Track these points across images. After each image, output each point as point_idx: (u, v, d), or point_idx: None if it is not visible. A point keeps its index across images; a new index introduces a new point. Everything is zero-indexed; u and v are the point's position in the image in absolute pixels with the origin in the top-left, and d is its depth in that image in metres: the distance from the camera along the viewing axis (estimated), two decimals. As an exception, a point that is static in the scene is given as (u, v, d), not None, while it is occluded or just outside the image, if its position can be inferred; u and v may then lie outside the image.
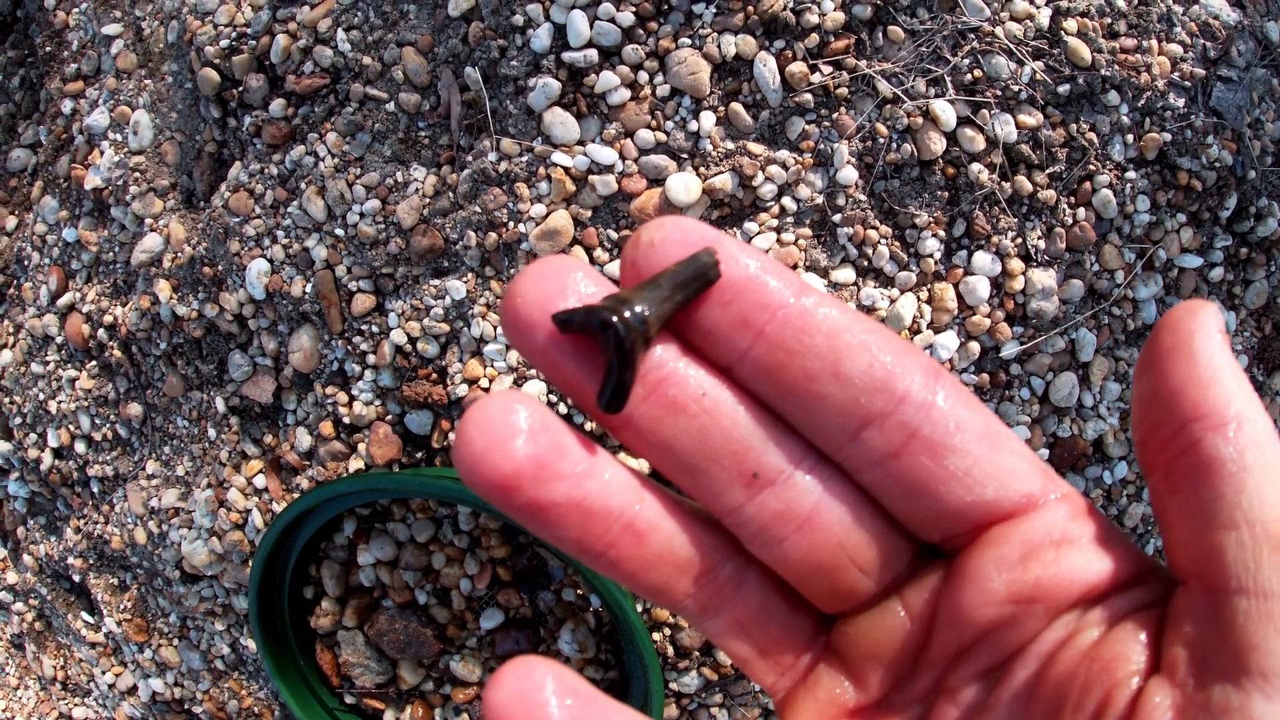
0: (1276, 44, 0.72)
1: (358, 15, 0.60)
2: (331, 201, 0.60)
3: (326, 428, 0.64)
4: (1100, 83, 0.63)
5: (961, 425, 0.15)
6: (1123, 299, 0.67)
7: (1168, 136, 0.65)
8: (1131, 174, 0.65)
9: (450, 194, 0.59)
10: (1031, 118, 0.61)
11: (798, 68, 0.57)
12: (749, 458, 0.16)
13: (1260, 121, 0.72)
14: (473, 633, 0.63)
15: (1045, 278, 0.63)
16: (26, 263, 0.75)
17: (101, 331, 0.71)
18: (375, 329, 0.61)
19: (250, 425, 0.68)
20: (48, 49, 0.73)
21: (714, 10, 0.57)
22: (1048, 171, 0.62)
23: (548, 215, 0.57)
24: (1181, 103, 0.66)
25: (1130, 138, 0.64)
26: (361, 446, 0.63)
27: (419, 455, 0.63)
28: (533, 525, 0.15)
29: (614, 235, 0.58)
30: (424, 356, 0.61)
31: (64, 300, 0.72)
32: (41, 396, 0.75)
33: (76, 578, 0.81)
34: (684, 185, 0.56)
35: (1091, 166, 0.64)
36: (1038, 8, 0.62)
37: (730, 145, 0.57)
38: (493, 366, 0.60)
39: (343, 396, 0.63)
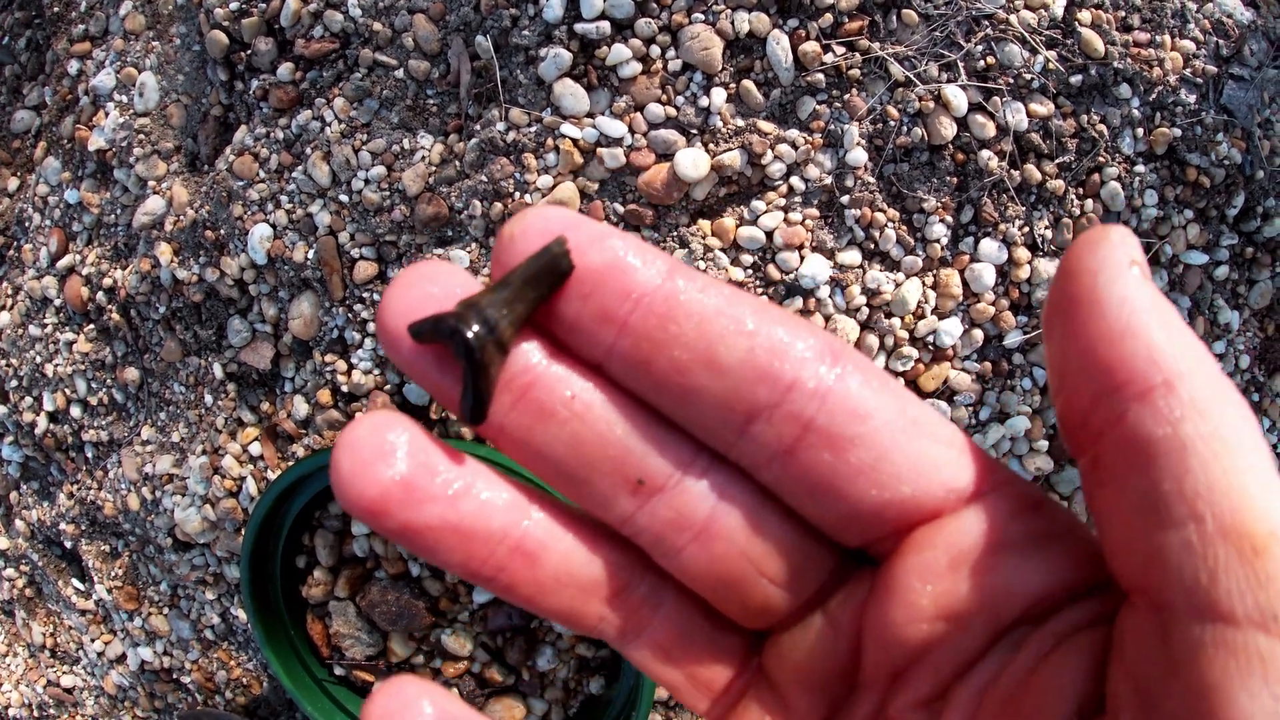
0: (1288, 46, 0.72)
1: (369, -19, 0.60)
2: (337, 167, 0.60)
3: (324, 396, 0.63)
4: (1112, 75, 0.62)
5: (866, 412, 0.13)
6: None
7: (1178, 132, 0.65)
8: (1140, 168, 0.65)
9: (457, 163, 0.58)
10: (1043, 107, 0.61)
11: (811, 47, 0.57)
12: (629, 462, 0.14)
13: (1270, 121, 0.71)
14: (465, 606, 0.62)
15: (1051, 268, 0.63)
16: (27, 224, 0.74)
17: (100, 294, 0.71)
18: (377, 297, 0.61)
19: (247, 392, 0.67)
20: (55, 9, 0.72)
21: (728, -14, 0.56)
22: (1057, 161, 0.62)
23: (554, 187, 0.57)
24: (1193, 99, 0.65)
25: (1140, 131, 0.64)
26: (359, 415, 0.63)
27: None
28: (413, 549, 0.14)
29: (620, 209, 0.57)
30: (425, 326, 0.60)
31: (64, 262, 0.72)
32: (38, 359, 0.75)
33: (68, 544, 0.80)
34: (693, 161, 0.56)
35: (1101, 158, 0.63)
36: (1052, -3, 0.61)
37: (740, 123, 0.57)
38: (494, 338, 0.59)
39: (342, 365, 0.63)
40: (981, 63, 0.60)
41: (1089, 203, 0.64)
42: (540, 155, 0.57)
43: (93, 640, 0.83)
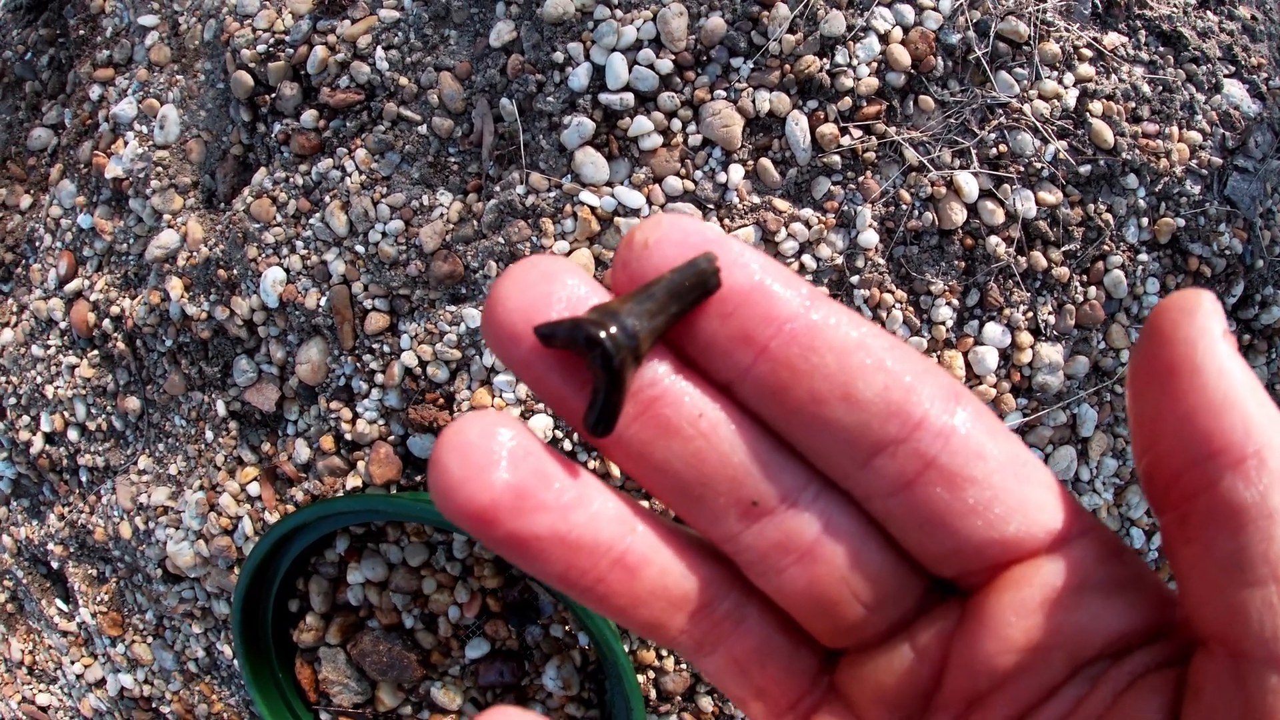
0: (1291, 138, 0.74)
1: (398, 35, 0.61)
2: (355, 218, 0.61)
3: (327, 442, 0.64)
4: (1120, 166, 0.64)
5: (983, 453, 0.14)
6: (1125, 378, 0.68)
7: (1181, 222, 0.66)
8: (1144, 256, 0.66)
9: (475, 222, 0.59)
10: (1051, 195, 0.63)
11: (828, 129, 0.58)
12: (747, 484, 0.15)
13: (1272, 212, 0.73)
14: (457, 660, 0.63)
15: (1053, 353, 0.64)
16: (38, 244, 0.75)
17: (107, 322, 0.71)
18: (386, 349, 0.61)
19: (249, 431, 0.68)
20: (81, 32, 0.73)
21: (751, 66, 0.58)
22: (1063, 249, 0.63)
23: (570, 253, 0.58)
24: (1197, 190, 0.67)
25: (1145, 221, 0.66)
26: (361, 464, 0.63)
27: (418, 478, 0.63)
28: (513, 558, 0.14)
29: (634, 277, 0.58)
30: (433, 380, 0.61)
31: (72, 286, 0.72)
32: (39, 380, 0.75)
33: (55, 564, 0.80)
34: (708, 235, 0.57)
35: (1106, 247, 0.65)
36: (1065, 88, 0.63)
37: (756, 199, 0.58)
38: (501, 397, 0.60)
39: (347, 413, 0.63)
40: (994, 150, 0.62)
41: (1092, 289, 0.65)
42: (558, 221, 0.58)
43: (72, 662, 0.82)
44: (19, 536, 0.82)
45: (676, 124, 0.58)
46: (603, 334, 0.13)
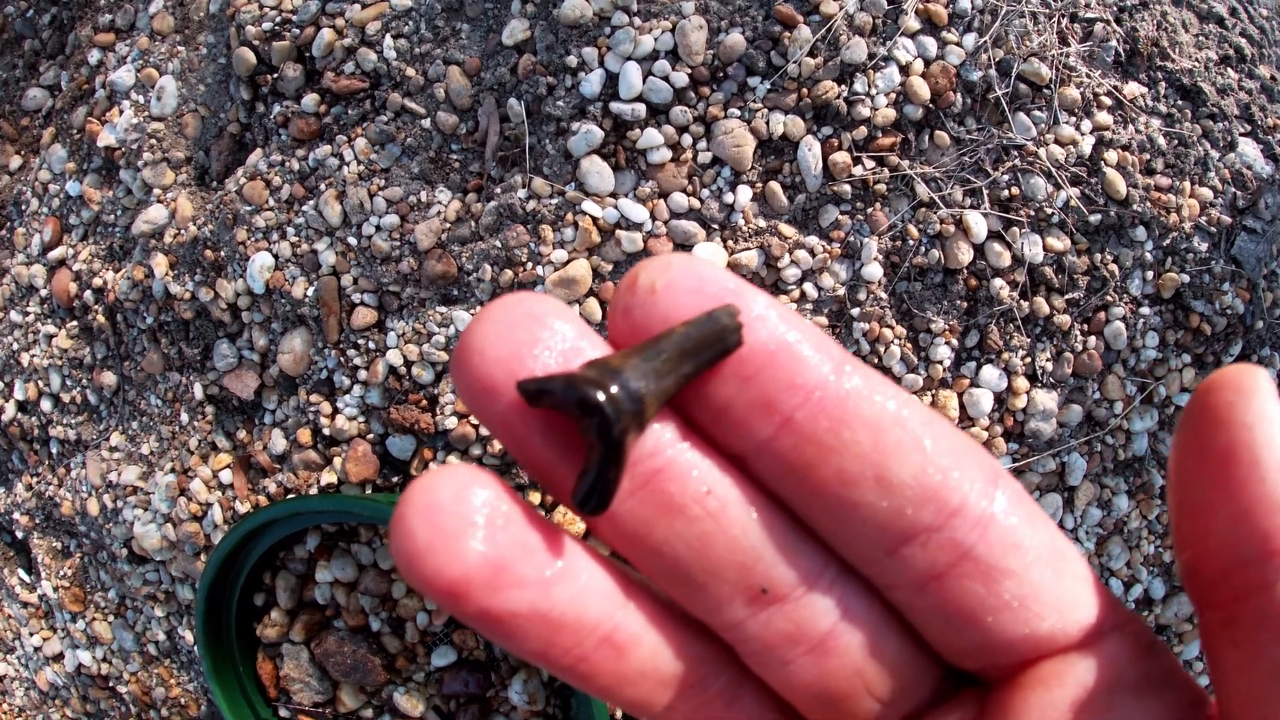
0: (1298, 200, 0.72)
1: (409, 24, 0.58)
2: (349, 209, 0.58)
3: (304, 435, 0.61)
4: (1130, 217, 0.63)
5: (1021, 544, 0.12)
6: (1117, 429, 0.66)
7: (1186, 278, 0.65)
8: (1146, 310, 0.65)
9: (472, 223, 0.57)
10: (1060, 242, 0.61)
11: (841, 157, 0.56)
12: (758, 570, 0.13)
13: (1276, 274, 0.72)
14: (422, 667, 0.60)
15: (1048, 400, 0.63)
16: (24, 207, 0.72)
17: (89, 293, 0.68)
18: (372, 345, 0.59)
19: (225, 417, 0.65)
20: (82, -6, 0.70)
21: (768, 86, 0.56)
22: (1066, 297, 0.62)
23: (568, 262, 0.56)
24: (1204, 247, 0.66)
25: (1150, 274, 0.64)
26: (337, 461, 0.61)
27: (395, 479, 0.60)
28: (486, 634, 0.12)
29: (631, 293, 0.56)
30: (417, 381, 0.58)
31: (55, 254, 0.69)
32: (15, 346, 0.72)
33: (20, 534, 0.77)
34: (709, 257, 0.55)
35: (1109, 298, 0.63)
36: (1083, 135, 0.61)
37: (762, 223, 0.56)
38: (486, 403, 0.58)
39: (326, 407, 0.61)
40: (1006, 192, 0.60)
41: (1092, 339, 0.64)
42: (558, 228, 0.56)
43: (31, 634, 0.80)
44: (-16, 503, 0.79)
45: (687, 139, 0.55)
46: (602, 396, 0.11)
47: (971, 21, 0.60)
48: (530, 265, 0.56)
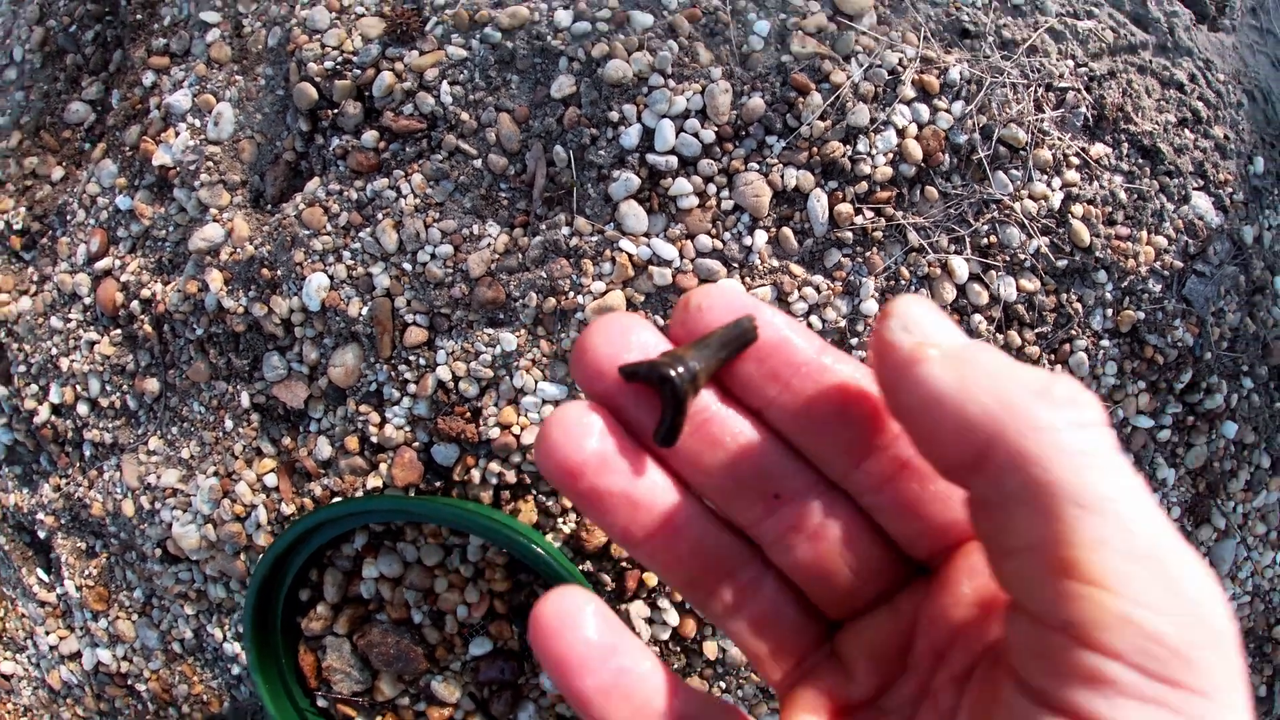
0: (1249, 245, 0.91)
1: (464, 72, 0.72)
2: (406, 237, 0.72)
3: (352, 442, 0.74)
4: (1093, 262, 0.80)
5: None
6: (1081, 450, 0.84)
7: (1141, 315, 0.83)
8: (1106, 342, 0.82)
9: (520, 255, 0.71)
10: (1031, 283, 0.78)
11: (845, 208, 0.72)
12: (771, 482, 0.20)
13: (1223, 311, 0.91)
14: (459, 657, 0.74)
15: (1019, 422, 0.80)
16: (69, 218, 0.83)
17: (135, 303, 0.80)
18: (422, 361, 0.73)
19: (270, 425, 0.78)
20: (137, 16, 0.82)
21: (783, 144, 0.71)
22: (1036, 331, 0.79)
23: (606, 293, 0.70)
24: (1158, 288, 0.84)
25: (1110, 312, 0.82)
26: (383, 466, 0.74)
27: (438, 484, 0.74)
28: (589, 510, 0.19)
29: (661, 321, 0.71)
30: (463, 395, 0.72)
31: (102, 264, 0.81)
32: (54, 351, 0.83)
33: (42, 534, 0.88)
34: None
35: (1074, 332, 0.81)
36: (1053, 191, 0.79)
37: (775, 263, 0.72)
38: (526, 416, 0.72)
39: (375, 416, 0.74)
40: (985, 240, 0.77)
41: (1059, 368, 0.81)
42: (598, 263, 0.70)
43: (47, 633, 0.90)
44: (7, 503, 0.89)
45: (712, 188, 0.71)
46: (673, 372, 0.19)
47: (960, 91, 0.77)
48: (572, 294, 0.70)
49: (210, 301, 0.76)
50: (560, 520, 0.73)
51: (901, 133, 0.74)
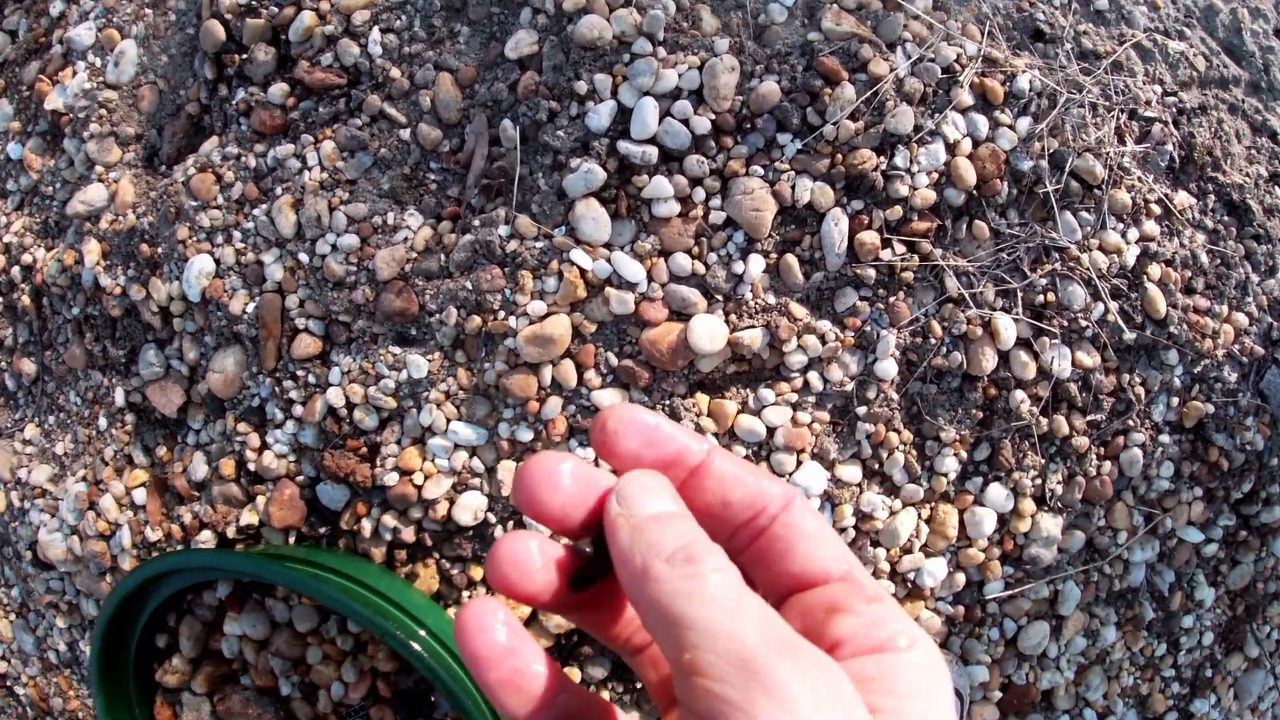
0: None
1: (401, 18, 0.44)
2: (305, 220, 0.44)
3: (228, 466, 0.47)
4: (1165, 339, 0.51)
5: (796, 527, 0.17)
6: (1116, 559, 0.54)
7: (1211, 409, 0.53)
8: (1165, 438, 0.53)
9: (442, 256, 0.43)
10: (1089, 358, 0.49)
11: (869, 237, 0.44)
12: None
13: (1287, 408, 0.60)
14: (324, 747, 0.47)
15: (1052, 525, 0.51)
16: (-42, 165, 0.57)
17: (17, 270, 0.54)
18: (312, 379, 0.45)
19: (145, 430, 0.51)
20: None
21: (799, 146, 0.43)
22: (1089, 418, 0.50)
23: (546, 317, 0.42)
24: (1234, 378, 0.54)
25: (1175, 401, 0.52)
26: (261, 500, 0.47)
27: (323, 530, 0.47)
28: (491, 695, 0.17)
29: (614, 359, 0.43)
30: (359, 426, 0.45)
31: (-15, 221, 0.54)
32: (-68, 316, 0.57)
33: (-74, 516, 0.62)
34: (708, 332, 0.42)
35: (1130, 422, 0.51)
36: (1128, 244, 0.49)
37: (771, 299, 0.43)
38: (433, 463, 0.44)
39: (255, 439, 0.47)
40: (1041, 298, 0.48)
41: (1107, 464, 0.52)
42: (540, 276, 0.42)
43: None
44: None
45: (700, 194, 0.42)
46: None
47: (1028, 104, 0.47)
48: (502, 314, 0.42)
49: (87, 277, 0.49)
50: (466, 594, 0.45)
51: (952, 148, 0.45)
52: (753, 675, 0.13)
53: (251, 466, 0.46)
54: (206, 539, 0.48)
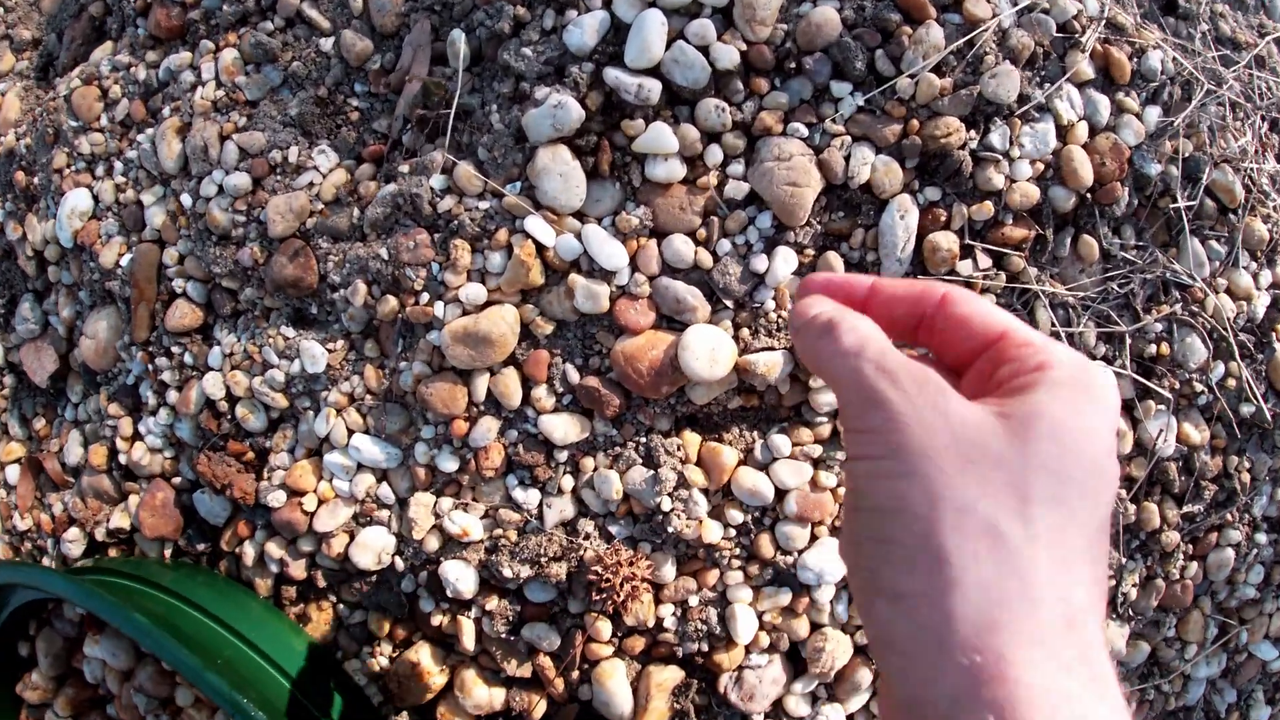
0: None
1: (342, -101, 0.26)
2: (191, 151, 0.26)
3: (99, 455, 0.30)
4: (1283, 414, 0.31)
5: (951, 314, 0.15)
6: (1178, 675, 0.35)
7: (1309, 501, 0.34)
8: (1261, 537, 0.33)
9: (355, 211, 0.25)
10: (1198, 433, 0.30)
11: (945, 240, 0.25)
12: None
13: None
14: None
15: (1117, 636, 0.32)
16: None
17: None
18: (189, 359, 0.27)
19: (24, 396, 0.34)
20: None
21: (860, 102, 0.24)
22: (1184, 510, 0.30)
23: (485, 307, 0.24)
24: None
25: (1282, 494, 0.33)
26: (134, 499, 0.29)
27: (201, 548, 0.29)
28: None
29: (574, 375, 0.24)
30: (243, 426, 0.27)
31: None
32: None
33: None
34: (709, 351, 0.23)
35: (1229, 516, 0.32)
36: (1259, 290, 0.30)
37: (800, 313, 0.25)
38: (331, 484, 0.26)
39: (126, 426, 0.29)
40: (1153, 347, 0.29)
41: (1193, 565, 0.32)
42: (481, 249, 0.24)
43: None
44: None
45: (715, 154, 0.24)
46: None
47: (1159, 90, 0.28)
48: (426, 297, 0.24)
49: (-28, 208, 0.32)
50: (369, 650, 0.27)
51: (1064, 132, 0.25)
52: (866, 397, 0.13)
53: (123, 459, 0.29)
54: (74, 538, 0.30)
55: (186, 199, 0.26)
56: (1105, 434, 0.12)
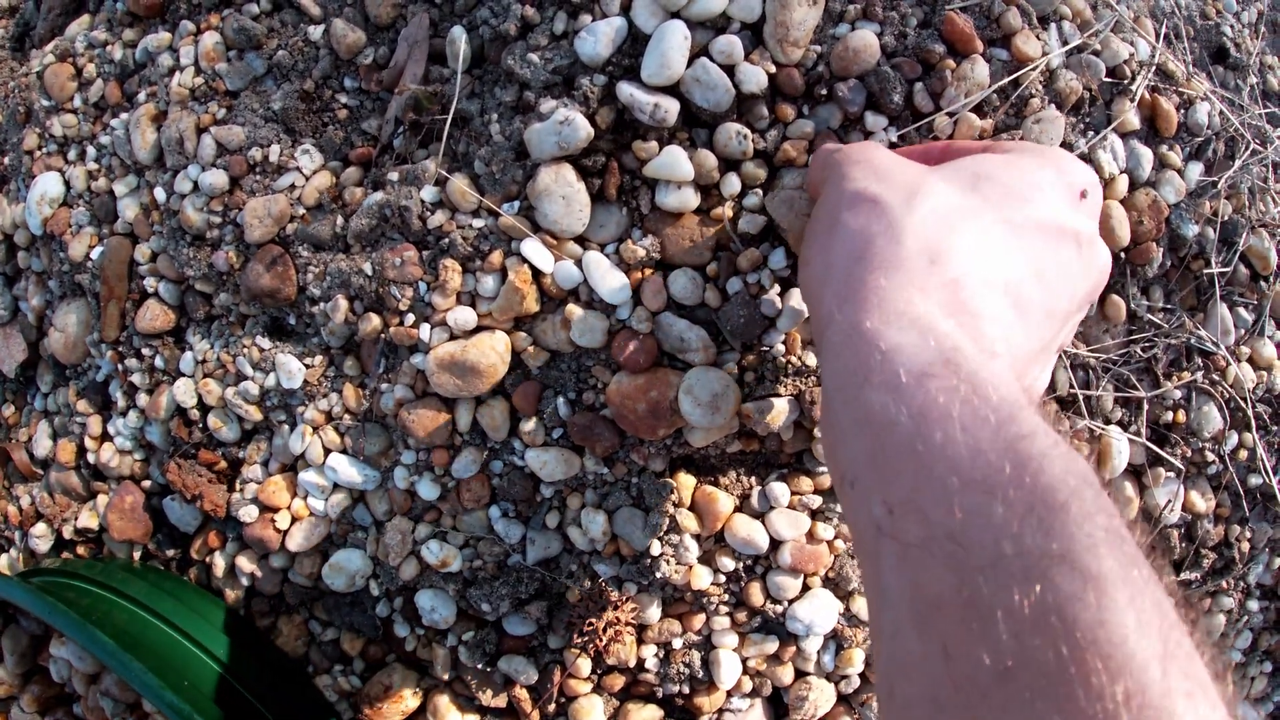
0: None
1: None
2: (166, 142, 0.23)
3: (66, 452, 0.27)
4: (1287, 484, 0.29)
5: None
6: None
7: (1299, 569, 0.31)
8: (1253, 604, 0.31)
9: (339, 219, 0.22)
10: (1204, 501, 0.27)
11: (970, 293, 0.22)
12: None
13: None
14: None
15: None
16: None
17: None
18: (160, 362, 0.24)
19: (-1, 385, 0.30)
20: None
21: (894, 136, 0.21)
22: (1183, 575, 0.28)
23: (474, 333, 0.21)
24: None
25: (1277, 563, 0.31)
26: (102, 500, 0.26)
27: (171, 554, 0.26)
28: None
29: (563, 410, 0.22)
30: (214, 436, 0.24)
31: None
32: None
33: None
34: (711, 393, 0.20)
35: (1225, 584, 0.30)
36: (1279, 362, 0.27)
37: (812, 359, 0.22)
38: (305, 501, 0.23)
39: (95, 424, 0.26)
40: (1170, 414, 0.26)
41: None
42: (473, 270, 0.21)
43: None
44: None
45: (733, 183, 0.20)
46: None
47: (1203, 146, 0.25)
48: (411, 319, 0.21)
49: (-55, 182, 0.28)
50: (340, 669, 0.25)
51: (1104, 186, 0.22)
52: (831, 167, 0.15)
53: (92, 458, 0.26)
54: (41, 533, 0.27)
55: (160, 193, 0.23)
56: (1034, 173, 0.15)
